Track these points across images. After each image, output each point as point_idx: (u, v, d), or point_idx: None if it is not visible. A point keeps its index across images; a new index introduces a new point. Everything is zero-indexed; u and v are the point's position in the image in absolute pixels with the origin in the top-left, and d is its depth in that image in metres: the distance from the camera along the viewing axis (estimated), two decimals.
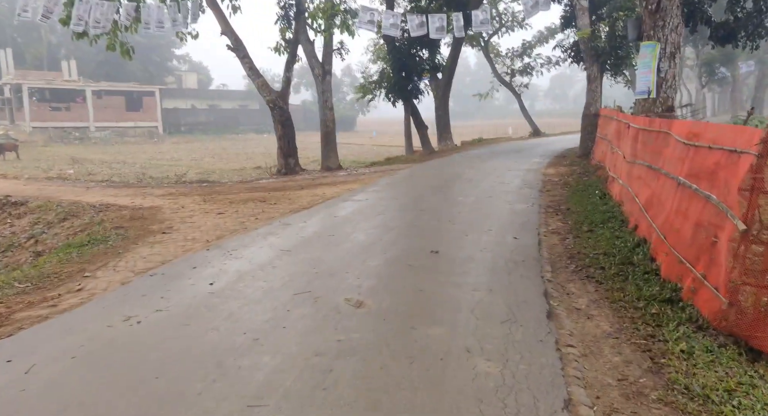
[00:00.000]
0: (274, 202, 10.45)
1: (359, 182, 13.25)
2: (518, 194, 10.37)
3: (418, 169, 15.68)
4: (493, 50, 34.00)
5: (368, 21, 16.08)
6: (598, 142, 14.81)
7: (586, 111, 16.88)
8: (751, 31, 8.43)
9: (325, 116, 16.95)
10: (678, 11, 7.85)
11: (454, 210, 8.71)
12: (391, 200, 10.03)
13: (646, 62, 8.13)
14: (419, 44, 20.47)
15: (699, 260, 4.57)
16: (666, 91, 8.11)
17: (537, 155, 19.12)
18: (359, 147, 48.19)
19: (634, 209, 7.22)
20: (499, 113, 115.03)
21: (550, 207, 9.08)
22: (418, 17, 16.67)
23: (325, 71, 16.48)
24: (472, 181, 12.35)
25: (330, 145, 17.22)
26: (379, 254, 5.98)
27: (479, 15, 16.67)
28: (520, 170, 14.33)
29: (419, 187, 11.84)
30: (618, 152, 9.71)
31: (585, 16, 16.36)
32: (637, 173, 7.51)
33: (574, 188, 11.07)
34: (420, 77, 21.50)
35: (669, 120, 6.55)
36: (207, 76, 78.13)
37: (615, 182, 9.47)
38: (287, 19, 16.18)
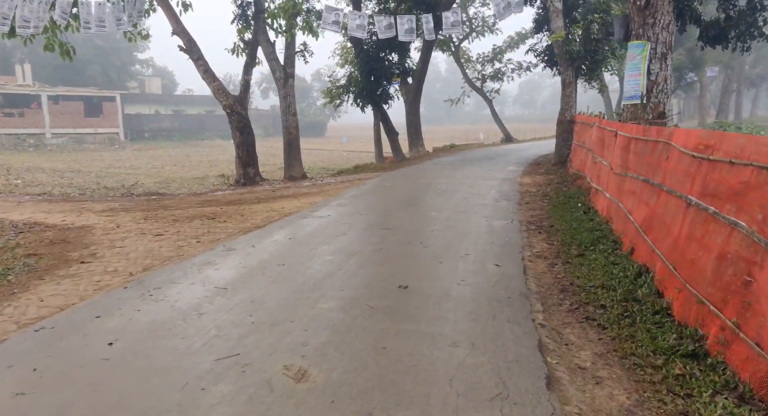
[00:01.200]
0: (224, 219, 9.31)
1: (323, 193, 12.19)
2: (495, 208, 9.47)
3: (387, 178, 14.71)
4: (464, 55, 33.41)
5: (333, 22, 15.08)
6: (575, 149, 14.11)
7: (561, 117, 16.20)
8: (744, 31, 7.78)
9: (288, 122, 15.85)
10: (669, 8, 7.08)
11: (426, 229, 7.74)
12: (357, 216, 9.00)
13: (635, 64, 7.34)
14: (388, 48, 19.58)
15: (727, 304, 3.68)
16: (657, 95, 7.33)
17: (511, 162, 18.39)
18: (329, 153, 47.04)
19: (628, 228, 6.37)
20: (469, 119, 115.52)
21: (531, 224, 8.19)
22: (386, 18, 15.75)
23: (288, 74, 15.39)
24: (445, 192, 11.43)
25: (294, 153, 16.10)
26: (335, 291, 4.94)
27: (450, 17, 15.86)
28: (495, 180, 13.50)
29: (388, 200, 10.86)
30: (602, 162, 8.92)
31: (559, 18, 15.70)
32: (629, 188, 6.68)
33: (555, 200, 10.25)
34: (390, 82, 20.59)
35: (669, 128, 5.73)
36: (172, 81, 75.83)
37: (600, 195, 8.66)
38: (245, 18, 15.05)
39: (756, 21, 7.77)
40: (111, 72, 60.04)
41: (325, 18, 15.05)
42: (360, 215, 9.01)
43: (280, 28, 14.57)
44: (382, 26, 15.51)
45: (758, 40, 8.11)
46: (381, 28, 15.54)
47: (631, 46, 7.40)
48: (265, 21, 14.81)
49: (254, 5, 14.92)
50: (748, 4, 7.77)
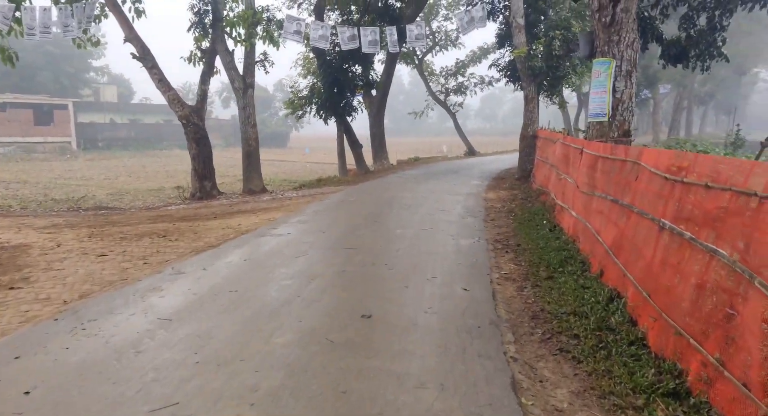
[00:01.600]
0: (175, 237, 8.76)
1: (283, 209, 11.73)
2: (462, 225, 9.25)
3: (351, 192, 14.37)
4: (427, 69, 33.57)
5: (295, 32, 14.74)
6: (538, 165, 14.13)
7: (524, 132, 16.27)
8: (703, 50, 7.86)
9: (248, 133, 15.33)
10: (634, 25, 7.05)
11: (391, 248, 7.42)
12: (318, 234, 8.61)
13: (601, 81, 7.27)
14: (352, 59, 19.35)
15: (708, 337, 3.48)
16: (623, 113, 7.27)
17: (475, 176, 18.35)
18: (291, 164, 46.38)
19: (596, 249, 6.22)
20: (433, 131, 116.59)
21: (498, 242, 7.99)
22: (349, 30, 15.52)
23: (247, 85, 14.91)
24: (410, 207, 11.17)
25: (253, 165, 15.57)
26: (293, 321, 4.55)
27: (414, 30, 15.76)
28: (461, 195, 13.35)
29: (352, 216, 10.50)
30: (567, 179, 8.84)
31: (521, 34, 15.82)
32: (597, 207, 6.55)
33: (520, 217, 10.12)
34: (353, 94, 20.33)
35: (638, 148, 5.61)
36: (128, 89, 73.56)
37: (565, 213, 8.56)
38: (202, 26, 14.52)
39: (715, 41, 7.87)
40: (63, 79, 57.76)
41: (286, 28, 14.69)
42: (322, 233, 8.62)
43: (239, 37, 14.11)
44: (345, 37, 15.26)
45: (717, 60, 8.24)
46: (344, 39, 15.29)
47: (597, 64, 7.34)
48: (223, 29, 14.32)
49: (212, 13, 14.42)
50: (708, 24, 7.87)
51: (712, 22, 7.76)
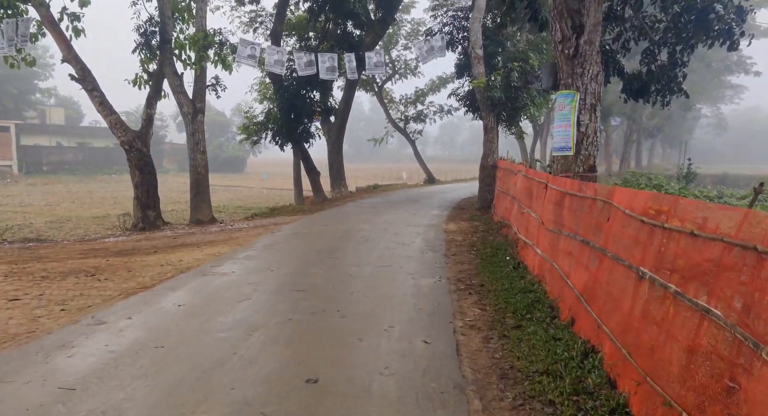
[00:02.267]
0: (105, 276, 7.86)
1: (231, 242, 10.94)
2: (421, 262, 8.73)
3: (306, 223, 13.69)
4: (387, 96, 33.54)
5: (249, 56, 14.20)
6: (498, 196, 13.88)
7: (484, 162, 16.09)
8: (664, 86, 7.76)
9: (196, 160, 14.50)
10: (598, 58, 6.84)
11: (345, 290, 6.80)
12: (266, 273, 7.90)
13: (565, 114, 6.98)
14: (310, 85, 18.90)
15: (705, 412, 3.02)
16: (587, 147, 6.99)
17: (435, 205, 18.01)
18: (248, 190, 45.22)
19: (566, 294, 5.78)
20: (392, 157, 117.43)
21: (460, 282, 7.48)
22: (306, 55, 15.09)
23: (197, 109, 14.16)
24: (368, 241, 10.59)
25: (202, 194, 14.70)
26: (224, 390, 3.85)
27: (373, 57, 15.48)
28: (420, 226, 12.88)
29: (305, 250, 9.83)
30: (531, 213, 8.49)
31: (480, 65, 15.77)
32: (565, 247, 6.15)
33: (482, 252, 9.70)
34: (311, 120, 19.82)
35: (608, 186, 5.25)
36: (77, 112, 70.86)
37: (530, 249, 8.17)
38: (149, 48, 13.75)
39: (676, 76, 7.79)
40: (6, 100, 55.10)
41: (240, 51, 14.13)
42: (270, 272, 7.91)
43: (188, 59, 13.42)
44: (302, 63, 14.82)
45: (677, 96, 8.18)
46: (301, 65, 14.84)
47: (560, 96, 7.07)
48: (172, 52, 13.61)
49: (159, 35, 13.69)
50: (669, 59, 7.79)
51: (673, 57, 7.68)
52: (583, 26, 6.63)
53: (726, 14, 6.71)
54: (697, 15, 6.88)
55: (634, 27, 7.84)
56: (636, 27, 7.77)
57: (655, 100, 8.22)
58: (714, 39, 7.12)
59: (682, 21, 7.22)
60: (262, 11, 19.69)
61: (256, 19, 19.99)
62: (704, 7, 6.72)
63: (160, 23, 13.55)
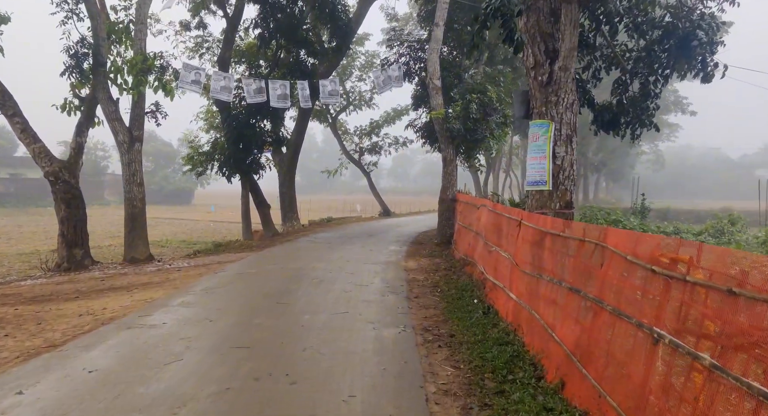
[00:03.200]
0: (7, 331, 6.59)
1: (167, 285, 9.74)
2: (383, 306, 7.86)
3: (254, 261, 12.59)
4: (341, 127, 33.01)
5: (193, 81, 13.24)
6: (459, 231, 13.26)
7: (443, 195, 15.54)
8: (635, 118, 7.40)
9: (132, 193, 13.21)
10: (573, 86, 6.36)
11: (296, 346, 5.83)
12: (203, 324, 6.82)
13: (539, 145, 6.42)
14: (260, 114, 18.00)
15: None
16: (564, 182, 6.43)
17: (392, 240, 17.24)
18: (194, 224, 43.31)
19: (551, 349, 5.04)
20: (346, 189, 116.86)
21: (428, 331, 6.65)
22: (255, 82, 14.27)
23: (134, 138, 12.96)
24: (321, 282, 9.64)
25: (138, 230, 13.36)
26: None
27: (327, 85, 14.83)
28: (378, 264, 12.04)
29: (251, 295, 8.77)
30: (500, 253, 7.83)
31: (438, 95, 15.39)
32: (547, 294, 5.45)
33: (447, 293, 8.93)
34: (261, 150, 18.84)
35: (598, 227, 4.62)
36: (10, 141, 66.82)
37: (500, 293, 7.46)
38: (80, 71, 12.55)
39: (648, 108, 7.45)
40: None
41: (183, 77, 13.16)
42: (209, 323, 6.83)
43: (125, 84, 12.32)
44: (251, 90, 13.98)
45: (647, 129, 7.85)
46: (250, 91, 14.00)
47: (534, 126, 6.52)
48: (106, 75, 12.47)
49: (93, 57, 12.54)
50: (641, 90, 7.47)
51: (645, 89, 7.35)
52: (557, 51, 6.15)
53: (707, 40, 6.43)
54: (678, 42, 6.57)
55: (604, 56, 7.50)
56: (606, 56, 7.43)
57: (624, 132, 7.86)
58: (692, 68, 6.82)
59: (655, 50, 6.92)
60: (209, 37, 18.81)
61: (202, 45, 19.05)
62: (686, 33, 6.43)
63: (93, 45, 12.43)
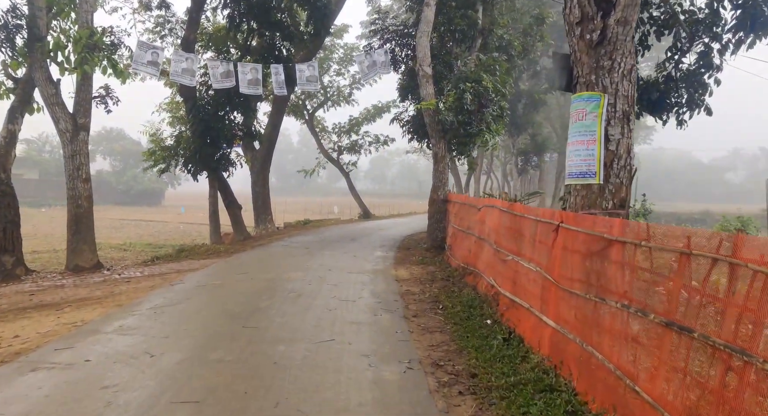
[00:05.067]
0: None
1: (109, 301, 7.94)
2: (376, 331, 6.27)
3: (220, 270, 10.85)
4: (318, 125, 31.24)
5: (149, 62, 11.42)
6: (455, 235, 11.74)
7: (434, 195, 14.01)
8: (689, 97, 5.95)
9: (77, 190, 11.30)
10: (632, 46, 4.87)
11: (265, 399, 4.19)
12: (141, 362, 5.11)
13: (586, 126, 4.91)
14: (230, 105, 16.20)
15: None
16: (618, 173, 4.92)
17: (376, 245, 15.64)
18: (162, 225, 41.00)
19: (635, 410, 3.52)
20: (323, 191, 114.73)
21: (439, 368, 5.08)
22: (223, 65, 12.51)
23: (78, 126, 11.06)
24: (300, 297, 8.00)
25: (83, 233, 11.44)
26: None
27: (305, 70, 13.15)
28: (365, 273, 10.43)
29: (210, 316, 7.06)
30: (522, 263, 6.30)
31: (429, 84, 13.88)
32: (617, 326, 3.92)
33: (452, 311, 7.38)
34: (231, 145, 17.04)
35: (729, 234, 3.11)
36: None
37: (525, 313, 5.93)
38: (12, 47, 10.62)
39: (704, 85, 6.01)
40: None
41: (138, 57, 11.34)
42: (148, 361, 5.12)
43: (67, 62, 10.45)
44: (218, 74, 12.24)
45: (698, 112, 6.43)
46: (216, 75, 12.25)
47: (578, 101, 5.01)
48: (45, 53, 10.56)
49: (27, 30, 10.62)
50: (698, 60, 6.01)
51: (705, 58, 5.89)
52: (614, 0, 4.65)
53: None
54: None
55: (653, 19, 6.03)
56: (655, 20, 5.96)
57: (667, 118, 6.45)
58: None
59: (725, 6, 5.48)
60: (172, 17, 16.88)
61: (164, 25, 17.13)
62: None
63: (29, 15, 10.52)
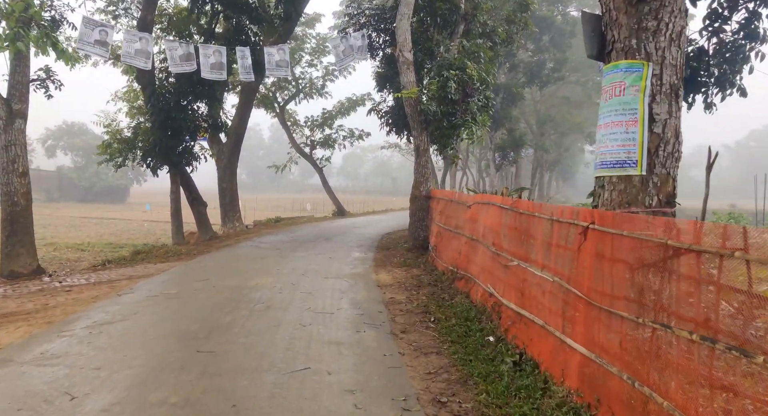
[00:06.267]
0: None
1: (39, 318, 6.67)
2: (360, 353, 5.22)
3: (178, 275, 9.62)
4: (290, 118, 29.89)
5: (96, 41, 10.06)
6: (441, 235, 10.76)
7: (416, 191, 13.00)
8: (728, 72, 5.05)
9: (11, 186, 9.88)
10: (682, 1, 3.93)
11: None
12: (56, 408, 3.94)
13: (625, 102, 3.94)
14: (193, 94, 14.87)
15: None
16: (665, 161, 3.97)
17: (353, 244, 14.57)
18: (126, 223, 39.05)
19: None
20: (295, 187, 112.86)
21: (443, 406, 4.06)
22: (182, 46, 11.22)
23: (13, 113, 9.64)
24: (268, 310, 6.89)
25: (19, 236, 10.03)
26: None
27: (274, 54, 11.94)
28: (342, 278, 9.35)
29: (159, 336, 5.89)
30: (532, 271, 5.34)
31: (410, 71, 12.84)
32: (689, 363, 2.96)
33: (444, 324, 6.38)
34: (194, 137, 15.70)
35: None
36: None
37: (538, 332, 4.96)
38: None
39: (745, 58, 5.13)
40: None
41: (84, 35, 9.98)
42: (68, 404, 3.95)
43: None
44: (176, 56, 10.95)
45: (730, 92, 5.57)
46: (174, 58, 10.95)
47: (615, 71, 4.03)
48: None
49: None
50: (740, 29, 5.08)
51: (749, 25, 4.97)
52: None
53: None
54: None
55: None
56: None
57: (694, 100, 5.58)
58: None
59: None
60: None
61: (117, 4, 15.63)
62: None
63: None
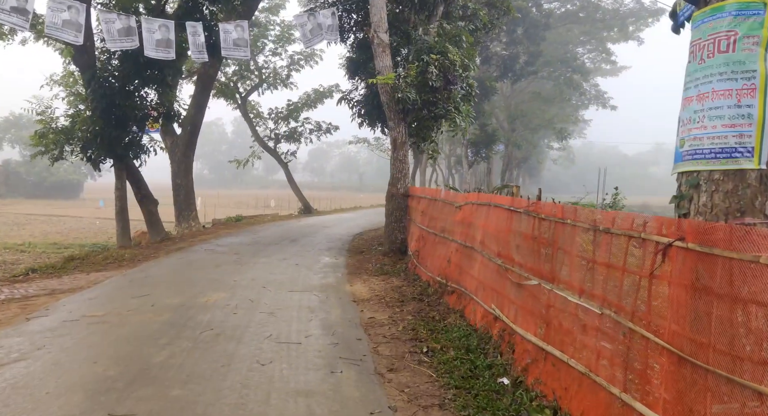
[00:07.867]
0: None
1: None
2: (334, 411, 3.87)
3: (110, 290, 8.04)
4: (253, 110, 28.11)
5: (13, 9, 8.34)
6: (424, 239, 9.48)
7: (393, 189, 11.68)
8: None
9: None
10: None
11: None
12: None
13: (737, 61, 2.70)
14: (141, 79, 13.16)
15: None
16: None
17: (323, 247, 13.16)
18: (76, 221, 36.54)
19: None
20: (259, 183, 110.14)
21: None
22: (121, 20, 9.57)
23: None
24: (217, 339, 5.46)
25: None
26: None
27: (231, 31, 10.38)
28: (311, 291, 7.96)
29: (62, 388, 4.40)
30: (557, 292, 4.12)
31: (386, 55, 11.51)
32: None
33: (441, 358, 5.10)
34: (143, 128, 13.96)
35: None
36: None
37: (593, 390, 3.72)
38: None
39: None
40: None
41: None
42: None
43: None
44: (114, 30, 9.31)
45: None
46: (111, 32, 9.31)
47: (715, 15, 2.80)
48: None
49: None
50: None
51: None
52: None
53: None
54: None
55: None
56: None
57: None
58: None
59: None
60: None
61: None
62: None
63: None
